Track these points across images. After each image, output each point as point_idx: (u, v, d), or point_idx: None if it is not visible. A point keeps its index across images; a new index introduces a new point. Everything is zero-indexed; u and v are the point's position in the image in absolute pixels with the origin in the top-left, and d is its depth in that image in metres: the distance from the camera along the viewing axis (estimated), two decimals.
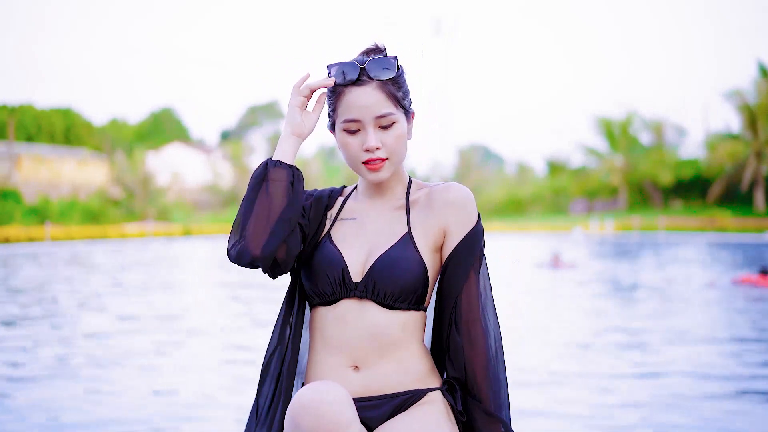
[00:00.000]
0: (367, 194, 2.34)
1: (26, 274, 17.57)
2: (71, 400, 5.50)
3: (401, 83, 2.23)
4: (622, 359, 7.17)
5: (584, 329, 9.10)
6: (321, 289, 2.23)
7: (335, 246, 2.26)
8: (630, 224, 47.07)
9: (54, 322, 9.61)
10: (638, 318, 9.93)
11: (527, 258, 21.46)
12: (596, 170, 62.18)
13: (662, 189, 58.00)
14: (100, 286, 14.70)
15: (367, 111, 2.17)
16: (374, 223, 2.29)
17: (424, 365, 2.25)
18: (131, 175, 54.26)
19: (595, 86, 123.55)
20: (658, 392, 5.74)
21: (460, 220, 2.22)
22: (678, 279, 15.47)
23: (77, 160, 58.91)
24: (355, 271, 2.22)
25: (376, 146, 2.18)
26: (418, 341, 2.25)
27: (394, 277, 2.17)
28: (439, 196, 2.23)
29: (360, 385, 2.21)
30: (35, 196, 48.92)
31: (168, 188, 58.91)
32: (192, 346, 8.09)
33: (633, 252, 26.61)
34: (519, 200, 65.83)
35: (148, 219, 50.83)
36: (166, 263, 22.34)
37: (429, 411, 2.19)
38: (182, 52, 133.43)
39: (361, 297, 2.20)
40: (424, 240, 2.23)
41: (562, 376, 6.33)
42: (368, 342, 2.19)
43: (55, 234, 37.65)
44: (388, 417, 2.21)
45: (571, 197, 62.74)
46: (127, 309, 11.00)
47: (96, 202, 51.47)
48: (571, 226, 46.92)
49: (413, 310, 2.22)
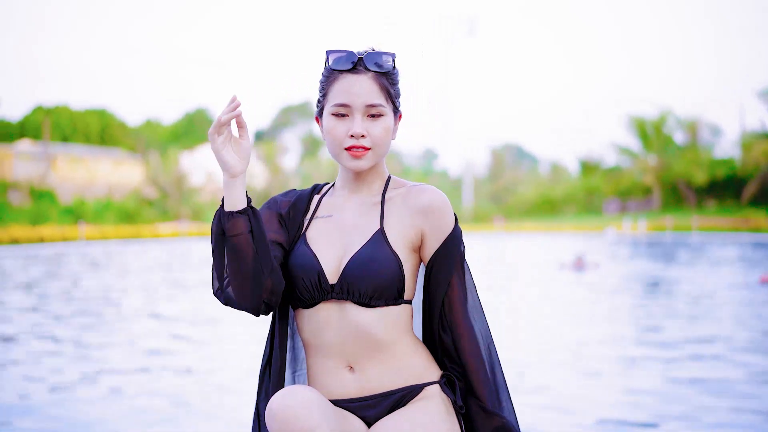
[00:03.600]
0: (345, 189, 2.35)
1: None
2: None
3: (395, 81, 2.27)
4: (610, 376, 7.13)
5: (577, 336, 9.04)
6: (299, 294, 2.26)
7: (309, 248, 2.27)
8: (663, 224, 46.64)
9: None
10: (648, 322, 9.85)
11: (553, 259, 21.32)
12: (630, 170, 61.60)
13: (696, 189, 57.34)
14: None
15: (358, 98, 2.21)
16: (348, 219, 2.31)
17: (418, 359, 2.27)
18: (165, 175, 54.53)
19: (629, 85, 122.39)
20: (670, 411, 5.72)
21: (437, 225, 2.24)
22: (698, 279, 15.32)
23: (112, 161, 59.38)
24: (330, 271, 2.24)
25: (361, 133, 2.20)
26: (408, 334, 2.27)
27: (367, 276, 2.19)
28: (414, 199, 2.25)
29: (356, 386, 2.24)
30: (71, 197, 49.38)
31: (202, 188, 59.17)
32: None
33: (663, 252, 26.36)
34: (552, 200, 65.36)
35: (182, 219, 51.11)
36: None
37: (426, 406, 2.22)
38: (216, 54, 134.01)
39: (339, 298, 2.22)
40: (397, 237, 2.24)
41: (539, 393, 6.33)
42: (356, 342, 2.22)
43: (90, 234, 37.95)
44: (386, 414, 2.23)
45: (604, 197, 62.21)
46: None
47: (130, 202, 51.85)
48: (604, 227, 46.56)
49: (393, 305, 2.22)
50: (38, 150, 54.25)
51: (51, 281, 15.81)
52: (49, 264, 21.45)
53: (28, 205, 45.08)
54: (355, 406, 2.24)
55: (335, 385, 2.25)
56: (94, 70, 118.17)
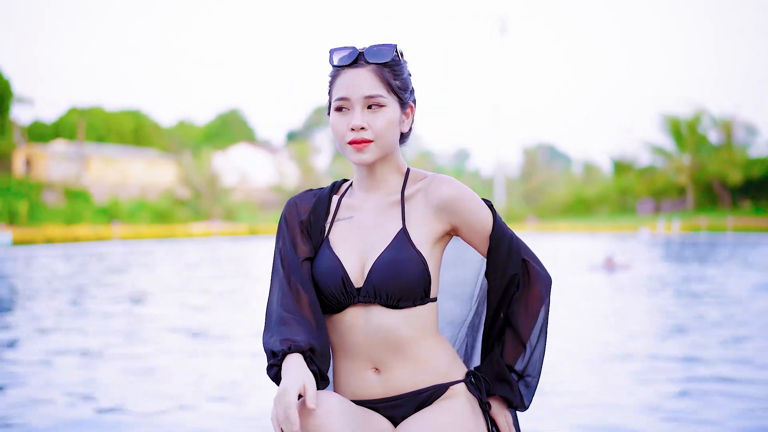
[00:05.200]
0: (362, 187, 2.33)
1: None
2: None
3: (399, 72, 2.24)
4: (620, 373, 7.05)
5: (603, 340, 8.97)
6: (327, 299, 2.25)
7: (333, 252, 2.26)
8: (698, 225, 46.27)
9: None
10: (675, 323, 9.76)
11: (584, 259, 21.19)
12: (664, 170, 61.11)
13: (731, 189, 56.79)
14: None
15: (356, 90, 2.20)
16: (371, 220, 2.29)
17: (443, 359, 2.26)
18: (198, 176, 54.86)
19: (663, 84, 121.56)
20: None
21: (468, 216, 2.25)
22: (730, 280, 15.17)
23: (145, 161, 59.84)
24: (355, 275, 2.23)
25: (360, 125, 2.19)
26: (433, 334, 2.26)
27: (394, 279, 2.18)
28: (434, 194, 2.24)
29: (382, 386, 2.23)
30: (105, 197, 49.80)
31: (234, 188, 59.48)
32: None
33: (697, 253, 26.13)
34: (585, 200, 65.04)
35: (214, 219, 51.38)
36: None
37: (452, 405, 2.21)
38: (250, 55, 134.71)
39: (366, 302, 2.21)
40: (421, 235, 2.23)
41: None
42: (382, 345, 2.21)
43: (123, 233, 38.25)
44: (412, 413, 2.23)
45: (638, 197, 61.78)
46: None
47: (163, 202, 52.23)
48: (637, 227, 46.27)
49: (420, 305, 2.22)
50: (73, 150, 54.77)
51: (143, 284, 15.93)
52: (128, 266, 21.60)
53: (62, 205, 45.52)
54: (381, 406, 2.24)
55: (361, 386, 2.25)
56: (128, 71, 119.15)
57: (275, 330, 2.17)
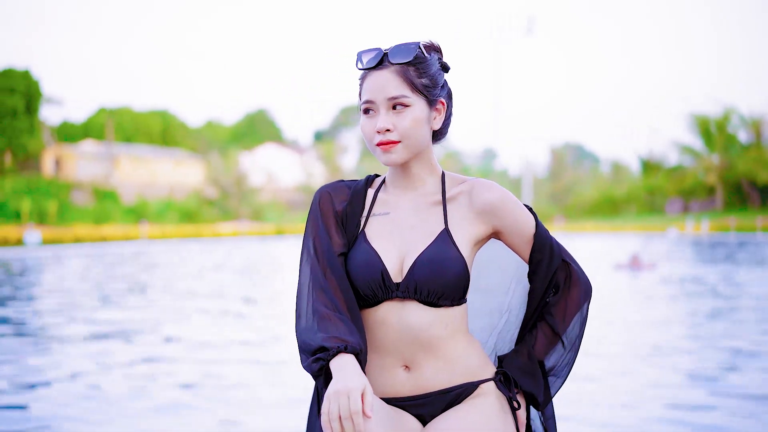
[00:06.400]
0: (397, 186, 2.32)
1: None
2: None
3: (424, 69, 2.22)
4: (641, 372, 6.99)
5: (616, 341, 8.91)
6: (363, 293, 2.23)
7: (371, 245, 2.25)
8: (727, 224, 45.92)
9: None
10: (699, 323, 9.68)
11: (610, 259, 21.09)
12: (692, 169, 60.70)
13: (760, 188, 56.31)
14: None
15: (380, 92, 2.19)
16: (409, 218, 2.28)
17: (473, 358, 2.25)
18: (226, 175, 55.09)
19: (692, 83, 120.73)
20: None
21: (512, 221, 2.27)
22: (759, 281, 15.04)
23: (173, 161, 60.18)
24: (393, 270, 2.22)
25: (385, 127, 2.18)
26: (464, 333, 2.25)
27: (436, 276, 2.17)
28: (478, 197, 2.25)
29: (411, 385, 2.22)
30: (133, 197, 50.15)
31: (262, 188, 59.68)
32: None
33: (726, 253, 25.91)
34: (613, 200, 64.75)
35: (241, 218, 51.60)
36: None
37: (482, 403, 2.21)
38: (277, 55, 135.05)
39: (404, 297, 2.20)
40: (463, 237, 2.23)
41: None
42: (413, 342, 2.20)
43: (151, 233, 38.46)
44: (441, 412, 2.22)
45: (666, 197, 61.41)
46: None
47: (191, 201, 52.53)
48: (666, 227, 45.99)
49: (456, 306, 2.22)
50: (101, 151, 55.22)
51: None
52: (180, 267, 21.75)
53: (91, 205, 45.90)
54: (409, 404, 2.23)
55: (390, 383, 2.24)
56: (156, 72, 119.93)
57: (317, 325, 2.15)
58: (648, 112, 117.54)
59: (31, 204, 40.47)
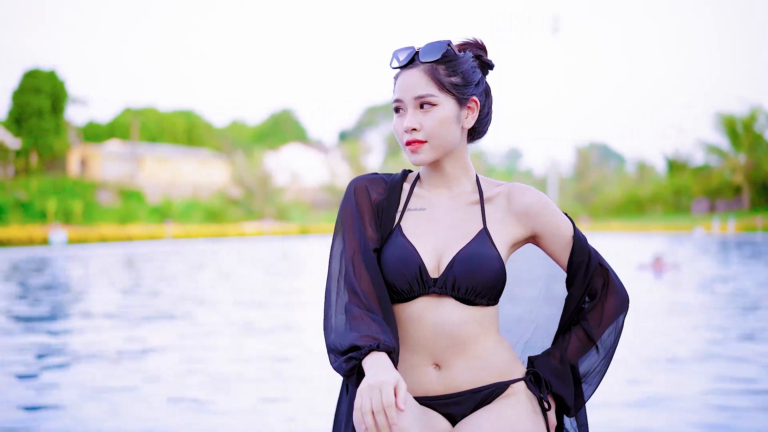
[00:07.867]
0: (432, 183, 2.31)
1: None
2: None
3: (453, 68, 2.20)
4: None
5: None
6: (399, 287, 2.21)
7: (408, 240, 2.23)
8: (753, 224, 45.57)
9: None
10: (721, 327, 9.58)
11: (633, 259, 20.95)
12: (719, 169, 60.29)
13: None
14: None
15: (408, 92, 2.17)
16: (445, 216, 2.26)
17: (504, 357, 2.24)
18: (250, 175, 55.31)
19: (718, 82, 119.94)
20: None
21: (551, 225, 2.26)
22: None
23: (198, 161, 60.47)
24: (430, 266, 2.19)
25: (411, 127, 2.16)
26: (495, 333, 2.24)
27: (475, 273, 2.16)
28: (518, 200, 2.24)
29: (442, 383, 2.21)
30: (158, 196, 50.42)
31: (286, 188, 59.87)
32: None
33: (752, 253, 25.68)
34: (639, 200, 64.47)
35: (266, 218, 51.78)
36: None
37: (512, 403, 2.19)
38: (302, 55, 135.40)
39: (440, 293, 2.18)
40: (501, 238, 2.22)
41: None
42: (446, 340, 2.18)
43: (176, 233, 38.64)
44: (471, 411, 2.21)
45: (692, 197, 61.04)
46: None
47: (216, 201, 52.76)
48: (692, 227, 45.72)
49: (491, 305, 2.21)
50: (127, 150, 55.58)
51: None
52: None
53: (116, 205, 46.20)
54: (438, 403, 2.21)
55: (420, 382, 2.22)
56: (181, 72, 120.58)
57: (349, 324, 2.13)
58: (675, 111, 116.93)
59: (57, 204, 40.80)
